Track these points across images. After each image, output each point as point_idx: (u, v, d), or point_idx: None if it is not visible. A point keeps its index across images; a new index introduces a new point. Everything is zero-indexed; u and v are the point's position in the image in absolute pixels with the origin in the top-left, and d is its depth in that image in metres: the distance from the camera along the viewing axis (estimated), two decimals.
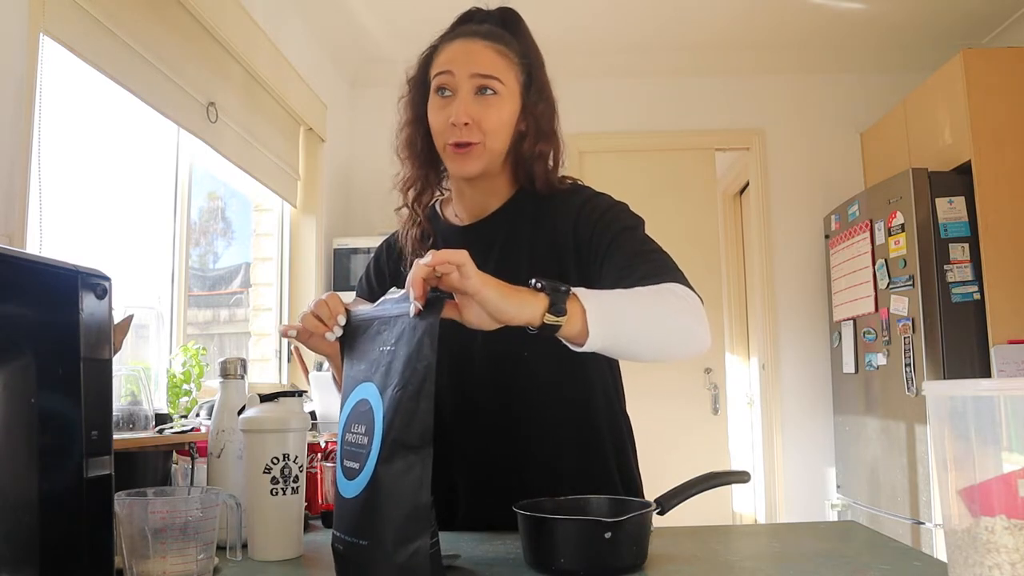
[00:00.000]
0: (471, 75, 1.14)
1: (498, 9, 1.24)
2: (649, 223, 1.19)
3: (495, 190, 1.25)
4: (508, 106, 1.17)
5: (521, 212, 1.24)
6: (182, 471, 1.32)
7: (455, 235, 1.27)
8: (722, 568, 0.93)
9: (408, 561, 0.78)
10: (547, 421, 1.20)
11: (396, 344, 0.85)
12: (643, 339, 0.99)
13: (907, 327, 2.99)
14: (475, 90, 1.14)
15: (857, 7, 3.54)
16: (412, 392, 0.80)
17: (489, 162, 1.18)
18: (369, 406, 0.84)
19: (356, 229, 3.77)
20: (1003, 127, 2.99)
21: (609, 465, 1.23)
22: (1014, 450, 0.65)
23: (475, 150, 1.15)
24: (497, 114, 1.15)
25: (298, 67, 3.25)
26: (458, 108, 1.13)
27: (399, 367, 0.82)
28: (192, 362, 1.91)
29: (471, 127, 1.13)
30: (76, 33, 1.83)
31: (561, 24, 3.65)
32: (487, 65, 1.15)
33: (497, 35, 1.18)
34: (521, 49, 1.20)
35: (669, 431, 3.78)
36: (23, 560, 0.69)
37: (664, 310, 1.00)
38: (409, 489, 0.79)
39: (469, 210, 1.27)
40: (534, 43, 1.24)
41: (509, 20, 1.23)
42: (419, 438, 0.80)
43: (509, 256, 1.20)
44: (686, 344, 1.03)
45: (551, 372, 1.18)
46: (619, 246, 1.12)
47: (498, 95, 1.15)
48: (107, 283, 0.79)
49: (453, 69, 1.15)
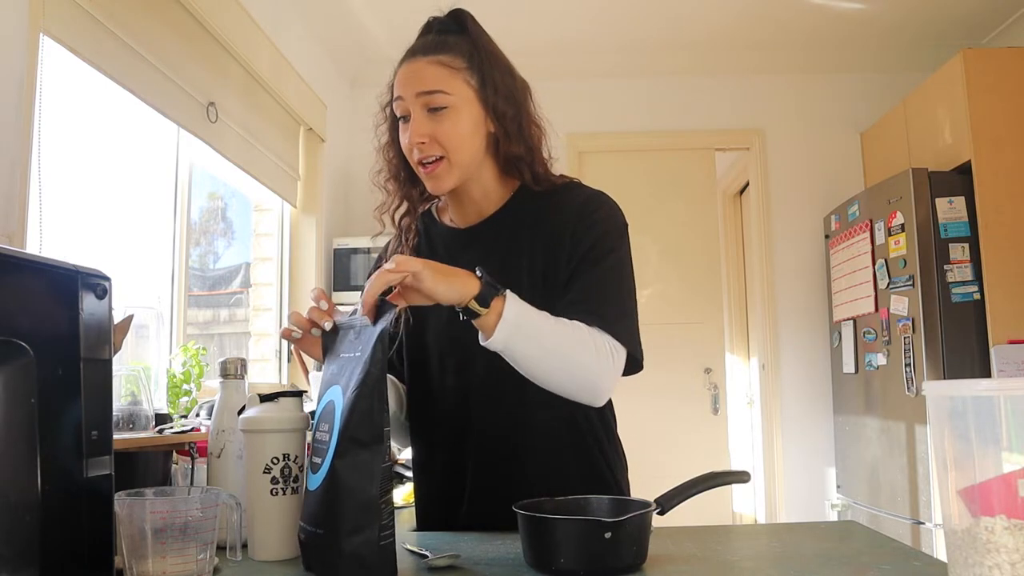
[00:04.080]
0: (416, 95, 1.15)
1: (448, 13, 1.24)
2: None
3: (487, 194, 1.25)
4: (464, 115, 1.16)
5: (519, 214, 1.24)
6: (182, 471, 1.32)
7: (454, 238, 1.28)
8: (722, 568, 0.93)
9: (356, 549, 0.85)
10: (542, 422, 1.21)
11: (361, 350, 0.92)
12: (537, 361, 1.06)
13: (907, 327, 2.99)
14: (424, 108, 1.15)
15: (857, 7, 3.54)
16: (366, 393, 0.87)
17: (461, 174, 1.18)
18: (334, 406, 0.91)
19: (356, 229, 3.77)
20: (1003, 127, 2.99)
21: (599, 468, 1.24)
22: (1014, 450, 0.65)
23: (441, 166, 1.16)
24: (452, 126, 1.15)
25: (298, 67, 3.25)
26: (411, 129, 1.15)
27: (358, 371, 0.90)
28: (192, 362, 1.91)
29: (430, 143, 1.14)
30: (76, 33, 1.83)
31: (561, 24, 3.65)
32: (429, 81, 1.15)
33: (438, 46, 1.18)
34: (468, 51, 1.18)
35: (669, 431, 3.78)
36: (23, 560, 0.69)
37: (571, 348, 1.07)
38: (360, 482, 0.86)
39: (465, 216, 1.27)
40: (486, 40, 1.21)
41: (457, 23, 1.22)
42: (370, 435, 0.87)
43: (510, 260, 1.20)
44: (577, 386, 1.10)
45: None
46: (587, 273, 1.15)
47: (448, 108, 1.15)
48: (107, 283, 0.79)
49: (402, 93, 1.16)
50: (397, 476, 2.31)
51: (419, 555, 0.96)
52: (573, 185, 1.26)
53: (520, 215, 1.23)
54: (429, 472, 1.30)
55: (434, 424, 1.27)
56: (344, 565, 0.86)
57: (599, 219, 1.20)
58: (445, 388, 1.24)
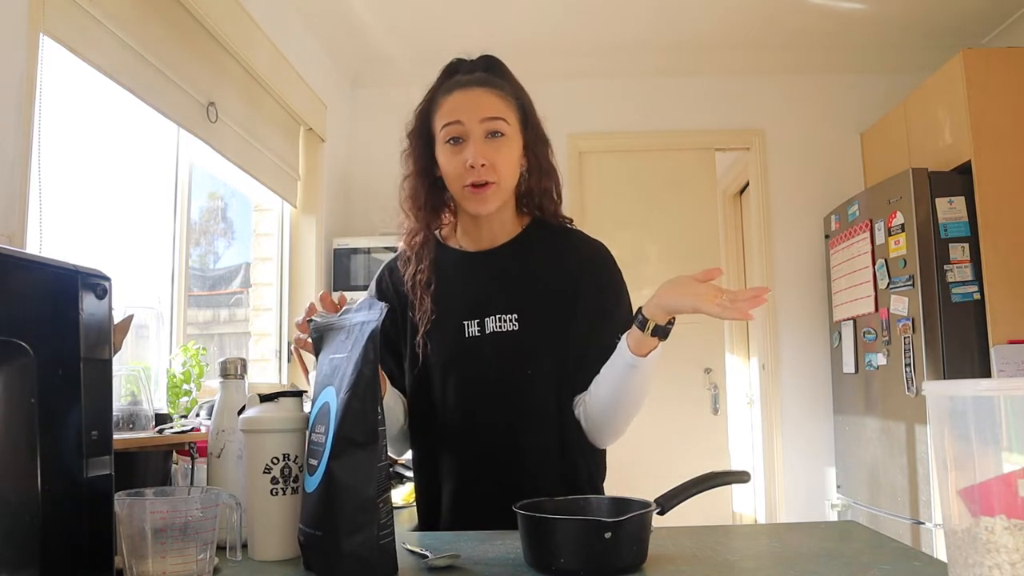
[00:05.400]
0: (480, 120, 1.22)
1: (481, 58, 1.32)
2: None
3: (503, 224, 1.32)
4: (515, 145, 1.26)
5: (532, 245, 1.32)
6: (182, 471, 1.32)
7: (466, 261, 1.33)
8: (722, 568, 0.93)
9: (356, 549, 0.85)
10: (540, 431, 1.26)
11: (351, 350, 0.93)
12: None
13: (907, 327, 2.99)
14: (485, 134, 1.23)
15: (857, 7, 3.54)
16: (359, 393, 0.88)
17: (503, 199, 1.27)
18: (329, 408, 0.92)
19: (356, 229, 3.77)
20: (1003, 127, 2.99)
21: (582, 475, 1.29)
22: (1014, 450, 0.65)
23: (491, 189, 1.23)
24: (508, 154, 1.24)
25: (298, 67, 3.25)
26: (474, 151, 1.21)
27: (350, 371, 0.90)
28: (192, 362, 1.91)
29: (487, 168, 1.22)
30: (76, 33, 1.83)
31: (561, 24, 3.65)
32: (492, 108, 1.23)
33: (492, 80, 1.27)
34: (513, 91, 1.28)
35: (669, 431, 3.78)
36: (23, 560, 0.69)
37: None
38: (356, 483, 0.87)
39: (478, 242, 1.33)
40: (520, 85, 1.32)
41: (494, 66, 1.31)
42: (364, 435, 0.87)
43: (524, 284, 1.28)
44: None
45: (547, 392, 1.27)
46: (611, 324, 1.26)
47: (506, 136, 1.24)
48: (107, 283, 0.79)
49: (461, 118, 1.22)
50: (397, 476, 2.31)
51: (419, 555, 0.96)
52: (578, 231, 1.37)
53: (534, 244, 1.32)
54: (429, 479, 1.31)
55: (435, 431, 1.29)
56: (344, 565, 0.86)
57: (614, 272, 1.32)
58: (447, 397, 1.28)
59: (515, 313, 1.25)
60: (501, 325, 1.25)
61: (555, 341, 1.25)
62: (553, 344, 1.25)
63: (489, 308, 1.26)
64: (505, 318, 1.25)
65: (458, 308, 1.28)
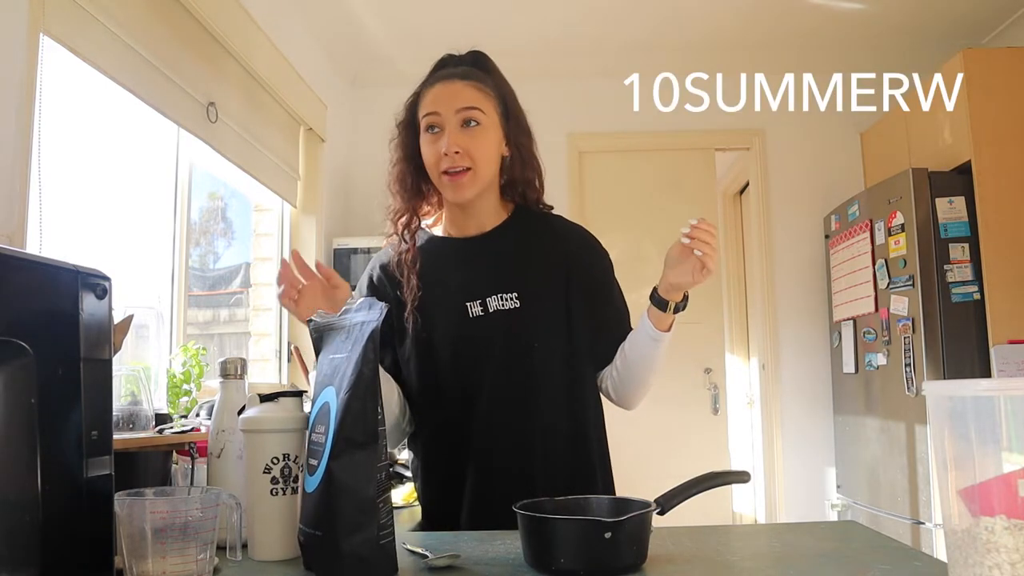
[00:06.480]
0: (456, 110, 1.28)
1: (469, 53, 1.38)
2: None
3: (489, 212, 1.37)
4: (491, 134, 1.31)
5: (520, 228, 1.38)
6: (182, 471, 1.32)
7: (460, 247, 1.37)
8: (722, 568, 0.93)
9: (356, 549, 0.86)
10: (547, 422, 1.30)
11: (351, 350, 0.93)
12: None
13: (907, 327, 2.99)
14: (460, 123, 1.28)
15: (857, 7, 3.54)
16: (359, 393, 0.88)
17: (481, 187, 1.31)
18: (329, 408, 0.92)
19: (356, 229, 3.77)
20: (1003, 127, 2.99)
21: (594, 471, 1.34)
22: (1014, 450, 0.65)
23: (467, 176, 1.28)
24: (484, 142, 1.29)
25: (298, 67, 3.25)
26: (448, 139, 1.27)
27: (350, 371, 0.91)
28: (192, 362, 1.91)
29: (461, 155, 1.27)
30: (76, 33, 1.83)
31: (561, 24, 3.65)
32: (468, 99, 1.29)
33: (473, 73, 1.33)
34: (495, 84, 1.34)
35: (669, 431, 3.78)
36: (23, 560, 0.69)
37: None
38: (356, 483, 0.87)
39: (464, 229, 1.38)
40: (504, 79, 1.38)
41: (480, 61, 1.37)
42: (365, 435, 0.88)
43: (519, 265, 1.34)
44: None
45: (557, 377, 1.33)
46: (609, 302, 1.40)
47: (481, 125, 1.29)
48: (107, 283, 0.79)
49: (439, 109, 1.28)
50: (396, 476, 2.31)
51: (419, 555, 0.96)
52: (560, 216, 1.44)
53: (522, 230, 1.37)
54: (433, 473, 1.32)
55: (439, 424, 1.31)
56: (344, 565, 0.86)
57: (602, 254, 1.42)
58: (452, 388, 1.31)
59: (515, 292, 1.31)
60: (503, 304, 1.31)
61: (556, 316, 1.33)
62: (555, 319, 1.33)
63: (489, 289, 1.32)
64: (506, 296, 1.31)
65: (458, 292, 1.33)
